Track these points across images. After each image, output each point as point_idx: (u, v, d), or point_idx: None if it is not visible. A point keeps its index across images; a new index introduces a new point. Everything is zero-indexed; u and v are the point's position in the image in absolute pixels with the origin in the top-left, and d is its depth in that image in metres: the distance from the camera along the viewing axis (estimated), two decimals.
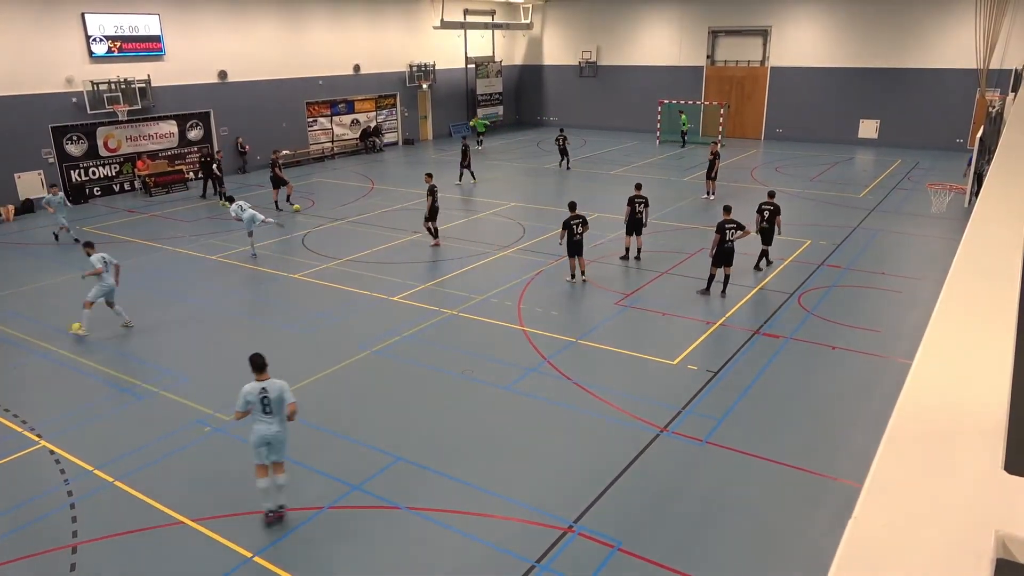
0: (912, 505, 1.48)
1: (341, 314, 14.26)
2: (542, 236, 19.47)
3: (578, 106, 42.10)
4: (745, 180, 26.88)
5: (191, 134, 28.05)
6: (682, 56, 38.09)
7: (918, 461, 1.62)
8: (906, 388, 1.84)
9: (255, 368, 8.02)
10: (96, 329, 13.63)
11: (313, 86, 32.12)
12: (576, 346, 12.59)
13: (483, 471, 9.01)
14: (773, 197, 16.59)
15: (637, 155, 32.66)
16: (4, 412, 10.64)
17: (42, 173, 23.92)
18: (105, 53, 24.59)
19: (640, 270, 16.56)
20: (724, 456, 9.27)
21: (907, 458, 1.62)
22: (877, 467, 1.52)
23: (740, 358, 12.05)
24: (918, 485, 1.55)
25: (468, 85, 40.37)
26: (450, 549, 7.69)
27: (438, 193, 18.67)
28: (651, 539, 7.76)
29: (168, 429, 10.08)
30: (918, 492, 1.52)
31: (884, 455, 1.55)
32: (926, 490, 1.53)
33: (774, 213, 16.14)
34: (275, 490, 8.04)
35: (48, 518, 8.26)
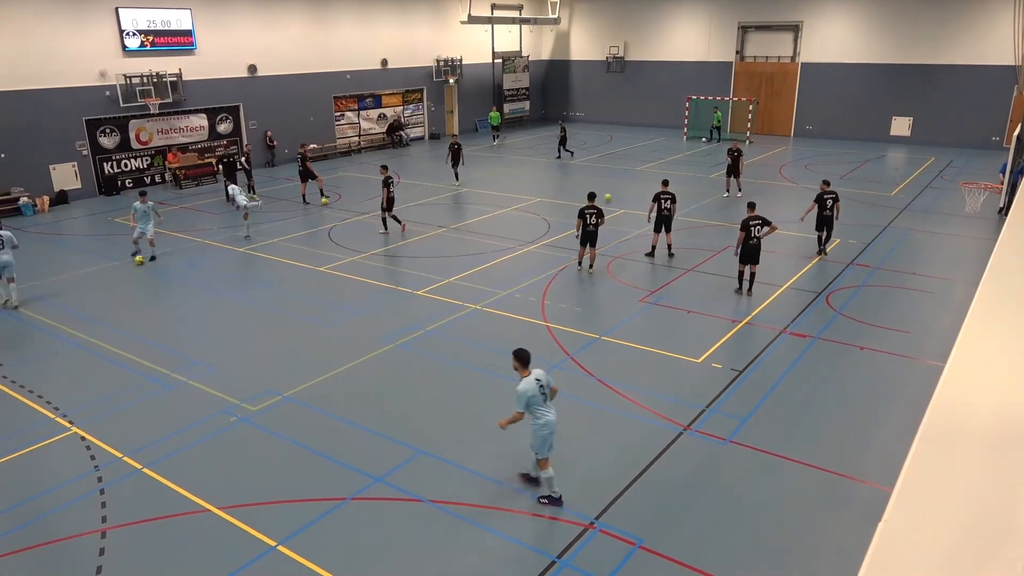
0: (944, 508, 1.45)
1: (365, 307, 14.35)
2: (566, 232, 19.39)
3: (604, 102, 41.88)
4: (773, 178, 26.56)
5: (221, 127, 28.39)
6: (711, 51, 37.71)
7: (951, 464, 1.59)
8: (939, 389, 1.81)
9: (524, 363, 7.96)
10: (128, 319, 13.88)
11: (341, 80, 32.31)
12: (600, 343, 12.54)
13: (505, 466, 9.02)
14: (829, 185, 17.08)
15: (664, 151, 32.42)
16: (37, 399, 10.87)
17: (76, 165, 24.37)
18: (138, 47, 24.96)
19: (665, 267, 16.45)
20: (748, 456, 9.19)
21: (939, 460, 1.59)
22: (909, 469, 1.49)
23: (766, 357, 11.93)
24: (950, 488, 1.52)
25: (494, 80, 40.35)
26: (471, 542, 7.72)
27: (393, 184, 19.40)
28: (672, 537, 7.72)
29: (195, 418, 10.23)
30: (950, 495, 1.49)
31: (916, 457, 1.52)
32: (958, 493, 1.50)
33: (836, 200, 16.72)
34: (549, 483, 8.15)
35: (79, 503, 8.43)
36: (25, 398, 10.91)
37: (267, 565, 7.38)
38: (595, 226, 15.55)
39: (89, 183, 24.80)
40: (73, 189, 24.39)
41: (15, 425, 10.15)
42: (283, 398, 10.74)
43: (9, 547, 7.70)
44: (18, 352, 12.52)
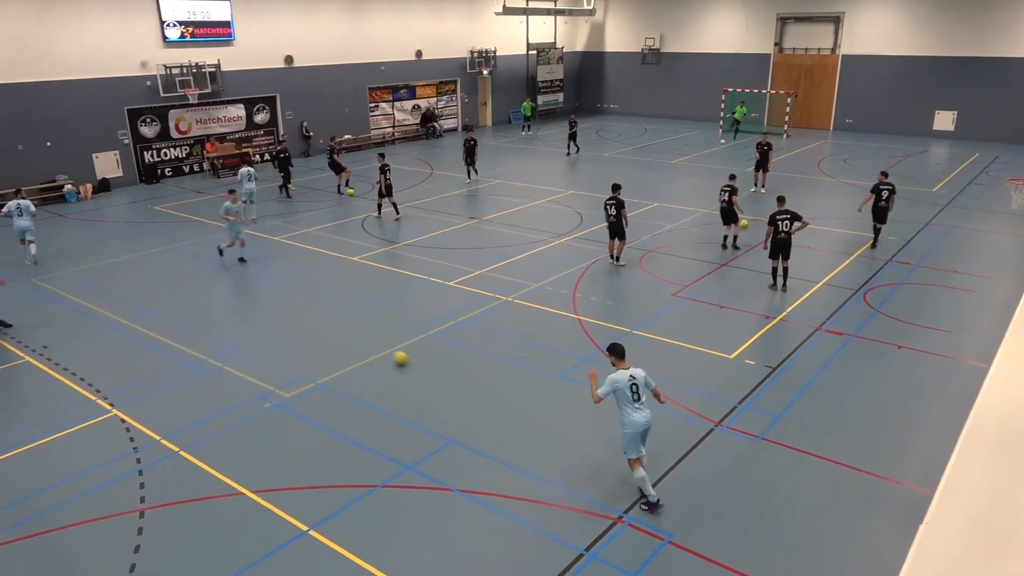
0: (987, 512, 1.42)
1: (397, 298, 14.45)
2: (599, 225, 19.30)
3: (639, 94, 41.53)
4: (811, 172, 26.12)
5: (258, 118, 28.75)
6: (748, 43, 37.14)
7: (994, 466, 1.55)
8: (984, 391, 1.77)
9: (618, 356, 8.00)
10: (167, 305, 14.17)
11: (376, 72, 32.50)
12: (631, 336, 12.48)
13: (534, 457, 9.04)
14: (887, 176, 17.01)
15: (698, 144, 32.06)
16: (80, 381, 11.17)
17: (118, 153, 24.89)
18: (178, 38, 25.37)
19: (699, 261, 16.29)
20: (780, 453, 9.08)
21: (983, 463, 1.56)
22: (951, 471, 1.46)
23: (800, 354, 11.76)
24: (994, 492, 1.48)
25: (528, 71, 40.23)
26: (499, 532, 7.76)
27: (389, 172, 19.87)
28: (702, 534, 7.68)
29: (231, 403, 10.42)
30: (994, 499, 1.46)
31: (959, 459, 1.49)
32: (1002, 497, 1.46)
33: (892, 192, 16.65)
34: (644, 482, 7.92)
35: (118, 483, 8.65)
36: (68, 380, 11.21)
37: (299, 549, 7.50)
38: (615, 217, 15.41)
39: (130, 171, 25.33)
40: (115, 177, 24.92)
41: (59, 406, 10.44)
42: (316, 385, 10.89)
43: (53, 524, 7.93)
44: (62, 335, 12.86)
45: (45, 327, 13.23)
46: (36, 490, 8.54)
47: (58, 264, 16.81)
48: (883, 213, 16.83)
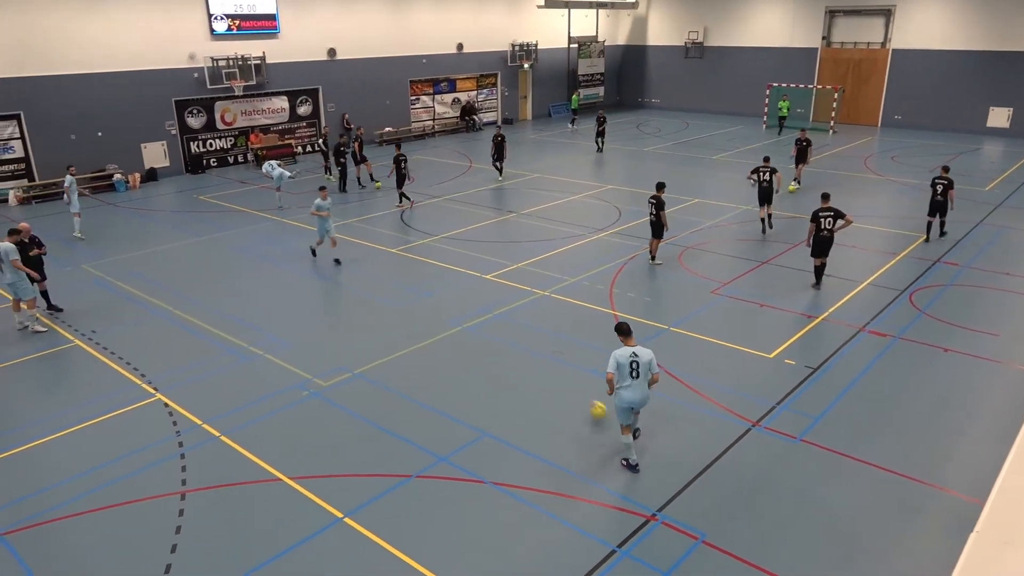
0: None
1: (435, 290, 14.53)
2: (638, 220, 19.15)
3: (681, 88, 41.02)
4: (858, 169, 25.53)
5: (301, 110, 29.14)
6: (795, 37, 36.39)
7: None
8: None
9: (624, 334, 8.38)
10: (210, 293, 14.47)
11: (417, 64, 32.67)
12: (668, 333, 12.37)
13: (567, 452, 9.03)
14: (948, 172, 16.79)
15: (741, 140, 31.57)
16: (126, 365, 11.47)
17: (165, 144, 25.46)
18: (225, 31, 25.83)
19: (739, 259, 16.05)
20: (819, 455, 8.92)
21: None
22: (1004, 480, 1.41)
23: (842, 355, 11.52)
24: None
25: (569, 65, 40.04)
26: (531, 526, 7.76)
27: (404, 162, 20.58)
28: (737, 534, 7.58)
29: (270, 390, 10.60)
30: None
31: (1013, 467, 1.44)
32: None
33: (947, 187, 16.46)
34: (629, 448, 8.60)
35: (161, 465, 8.87)
36: (115, 364, 11.53)
37: (334, 535, 7.61)
38: (653, 215, 15.26)
39: (177, 161, 25.89)
40: (162, 167, 25.52)
41: (106, 389, 10.75)
42: (353, 375, 11.02)
43: (97, 503, 8.18)
44: (110, 321, 13.22)
45: (94, 312, 13.61)
46: (86, 469, 8.80)
47: (107, 251, 17.28)
48: (937, 207, 16.67)
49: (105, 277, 15.48)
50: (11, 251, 12.34)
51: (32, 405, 10.50)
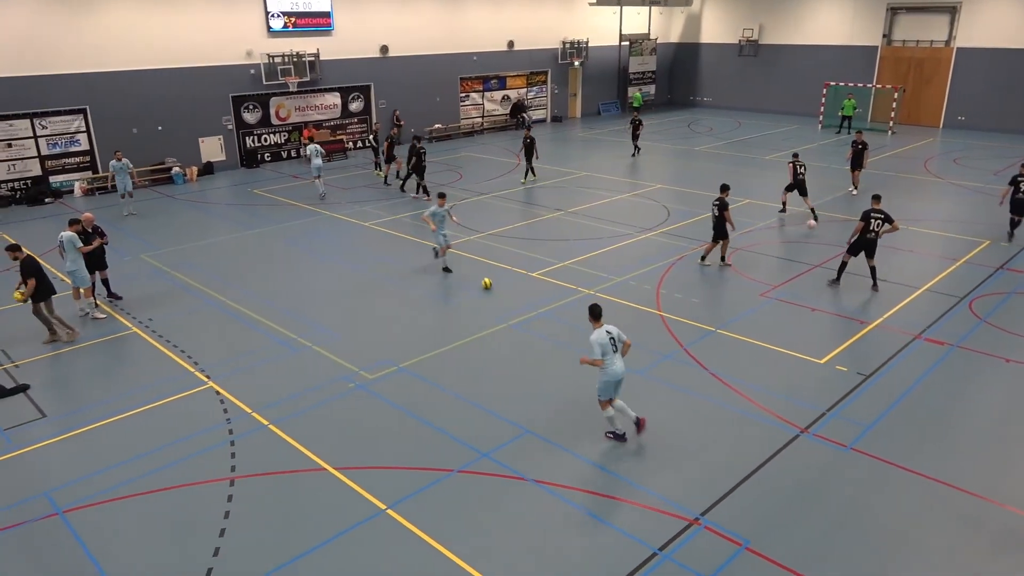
0: None
1: (480, 286, 14.58)
2: (687, 220, 18.93)
3: (734, 86, 40.32)
4: (917, 171, 24.74)
5: (352, 106, 29.57)
6: (854, 35, 35.42)
7: None
8: None
9: (596, 316, 9.03)
10: (262, 285, 14.80)
11: (467, 62, 32.81)
12: (715, 336, 12.19)
13: (610, 453, 8.98)
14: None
15: (796, 140, 30.88)
16: (180, 353, 11.82)
17: (221, 138, 26.12)
18: (281, 28, 26.37)
19: (790, 261, 15.72)
20: (869, 465, 8.68)
21: None
22: None
23: (897, 363, 11.19)
24: None
25: (620, 63, 39.73)
26: (572, 525, 7.74)
27: (423, 153, 21.11)
28: (782, 542, 7.43)
29: (317, 382, 10.79)
30: None
31: None
32: None
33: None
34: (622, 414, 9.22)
35: (212, 452, 9.12)
36: (170, 351, 11.89)
37: (376, 526, 7.72)
38: (715, 218, 15.00)
39: (232, 156, 26.54)
40: (218, 161, 26.19)
41: (161, 376, 11.09)
42: (398, 369, 11.14)
43: (151, 486, 8.45)
44: (166, 309, 13.63)
45: (151, 300, 14.05)
46: (141, 452, 9.10)
47: (164, 242, 17.82)
48: (1020, 205, 16.42)
49: (162, 267, 15.97)
50: (74, 239, 12.81)
51: (91, 389, 10.90)
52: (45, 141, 22.52)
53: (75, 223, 13.19)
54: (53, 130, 22.58)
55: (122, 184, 19.98)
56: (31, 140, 22.26)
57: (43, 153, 22.55)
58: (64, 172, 23.09)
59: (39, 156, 22.50)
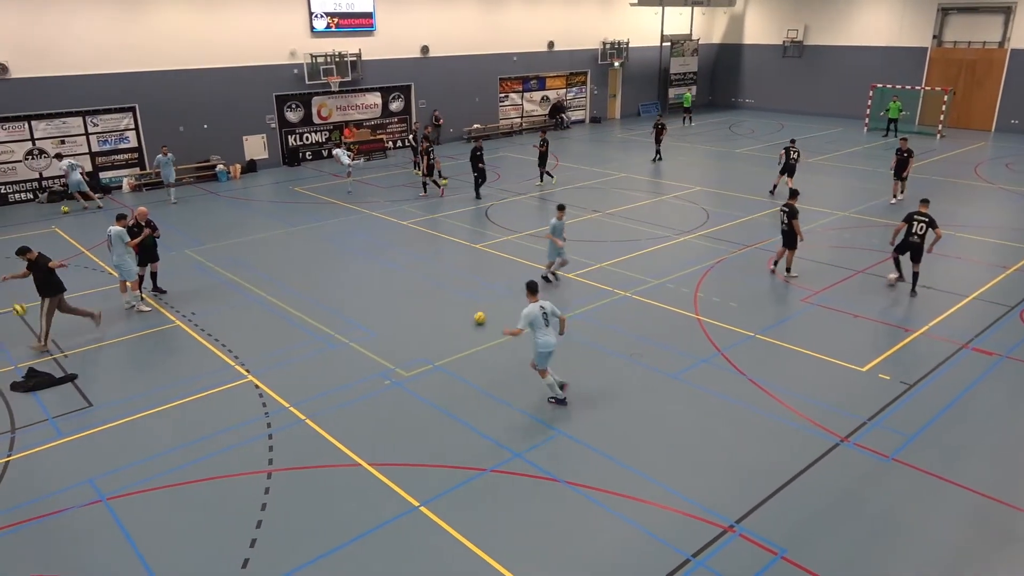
0: None
1: (516, 286, 14.57)
2: (727, 223, 18.70)
3: (778, 88, 39.71)
4: (967, 176, 24.06)
5: (393, 106, 29.84)
6: (903, 36, 34.61)
7: None
8: None
9: (532, 292, 9.87)
10: (301, 281, 15.02)
11: (507, 62, 32.87)
12: (754, 341, 12.01)
13: (644, 456, 8.90)
14: None
15: (840, 143, 30.29)
16: (221, 347, 12.06)
17: (265, 137, 26.58)
18: (324, 28, 26.73)
19: (834, 267, 15.41)
20: (911, 476, 8.47)
21: None
22: None
23: (942, 372, 10.90)
24: None
25: (661, 64, 39.41)
26: (604, 528, 7.70)
27: (433, 154, 21.95)
28: (818, 552, 7.29)
29: (354, 378, 10.91)
30: None
31: None
32: None
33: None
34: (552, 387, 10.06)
35: (250, 444, 9.28)
36: (211, 345, 12.13)
37: (409, 523, 7.77)
38: (786, 225, 14.45)
39: (275, 154, 26.99)
40: (261, 159, 26.65)
41: (202, 369, 11.32)
42: (433, 367, 11.21)
43: (190, 476, 8.63)
44: (208, 304, 13.92)
45: (194, 295, 14.35)
46: (181, 443, 9.31)
47: (208, 238, 18.19)
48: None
49: (205, 262, 16.31)
50: (122, 234, 13.17)
51: (135, 380, 11.18)
52: (96, 138, 23.17)
53: (122, 218, 13.54)
54: (104, 127, 23.23)
55: (167, 176, 21.53)
56: (83, 137, 22.92)
57: (94, 150, 23.21)
58: (113, 168, 23.73)
59: (90, 153, 23.16)
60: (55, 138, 22.39)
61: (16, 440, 9.45)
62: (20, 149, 21.90)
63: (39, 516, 7.96)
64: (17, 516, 7.97)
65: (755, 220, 19.00)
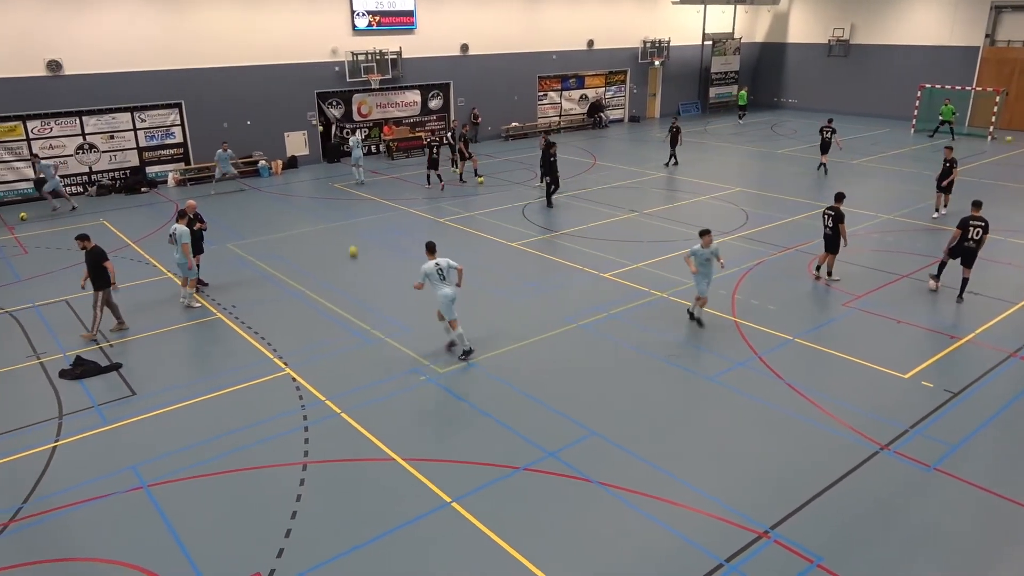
0: None
1: (551, 285, 14.58)
2: (766, 225, 18.42)
3: (822, 88, 38.96)
4: (1019, 179, 23.33)
5: (432, 103, 30.01)
6: (954, 35, 33.69)
7: None
8: None
9: (430, 251, 11.20)
10: (339, 276, 15.21)
11: (546, 61, 32.82)
12: (793, 344, 11.82)
13: (678, 459, 8.82)
14: None
15: (886, 144, 29.61)
16: (260, 339, 12.27)
17: (305, 133, 26.95)
18: (366, 27, 26.99)
19: (876, 271, 15.09)
20: (953, 487, 8.25)
21: None
22: None
23: (988, 381, 10.59)
24: None
25: (702, 63, 38.97)
26: (637, 531, 7.65)
27: (437, 149, 22.93)
28: (855, 561, 7.14)
29: (389, 373, 11.02)
30: None
31: None
32: None
33: None
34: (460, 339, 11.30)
35: (286, 436, 9.42)
36: (251, 337, 12.35)
37: (441, 518, 7.82)
38: (831, 229, 14.15)
39: (315, 150, 27.36)
40: (302, 155, 27.03)
41: (241, 361, 11.54)
42: (468, 364, 11.25)
43: (229, 466, 8.80)
44: (249, 297, 14.17)
45: (235, 288, 14.63)
46: (219, 433, 9.50)
47: (249, 232, 18.52)
48: None
49: (247, 256, 16.61)
50: (185, 235, 13.16)
51: (177, 370, 11.44)
52: (143, 133, 23.74)
53: (183, 216, 13.58)
54: (151, 123, 23.79)
55: (224, 169, 22.84)
56: (131, 132, 23.51)
57: (141, 145, 23.79)
58: (160, 163, 24.30)
59: (137, 148, 23.75)
60: (104, 133, 23.00)
61: (63, 426, 9.74)
62: (71, 144, 22.56)
63: (84, 500, 8.20)
64: (63, 500, 8.21)
65: (796, 222, 18.68)
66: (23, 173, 21.90)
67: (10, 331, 12.74)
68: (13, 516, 7.95)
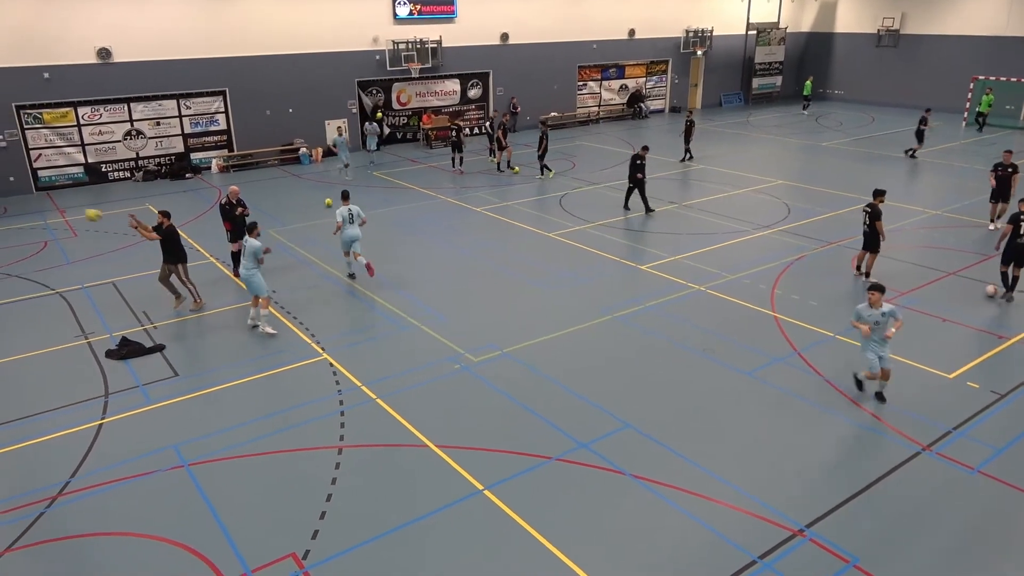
0: None
1: (588, 276, 14.52)
2: (808, 219, 18.09)
3: (870, 79, 37.98)
4: None
5: (471, 92, 30.02)
6: (1010, 24, 32.52)
7: None
8: None
9: (344, 198, 13.97)
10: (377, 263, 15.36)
11: (587, 50, 32.56)
12: (833, 341, 11.59)
13: (713, 454, 8.74)
14: None
15: (936, 138, 28.76)
16: (299, 324, 12.45)
17: (345, 121, 27.18)
18: (407, 15, 27.08)
19: (922, 267, 14.71)
20: (997, 490, 8.03)
21: None
22: None
23: None
24: None
25: (746, 53, 38.29)
26: (669, 525, 7.61)
27: (458, 131, 23.62)
28: (893, 563, 7.00)
29: (424, 361, 11.10)
30: None
31: None
32: None
33: None
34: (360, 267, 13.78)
35: (323, 420, 9.57)
36: (290, 322, 12.55)
37: (473, 505, 7.87)
38: (867, 226, 13.66)
39: (355, 138, 27.56)
40: None
41: (280, 345, 11.73)
42: (502, 353, 11.28)
43: (267, 447, 8.97)
44: (288, 283, 14.38)
45: (275, 273, 14.85)
46: (258, 416, 9.69)
47: (289, 218, 18.78)
48: None
49: (287, 242, 16.85)
50: (258, 250, 11.91)
51: (218, 353, 11.68)
52: (188, 120, 24.21)
53: (253, 229, 12.21)
54: (196, 110, 24.24)
55: (343, 156, 23.47)
56: (176, 119, 23.98)
57: (186, 131, 24.26)
58: (204, 150, 24.76)
59: (183, 134, 24.23)
60: (151, 119, 23.50)
61: (108, 404, 10.03)
62: (120, 130, 23.10)
63: (127, 477, 8.44)
64: (107, 476, 8.47)
65: (839, 216, 18.30)
66: (74, 158, 22.53)
67: (60, 311, 13.14)
68: (61, 490, 8.23)
